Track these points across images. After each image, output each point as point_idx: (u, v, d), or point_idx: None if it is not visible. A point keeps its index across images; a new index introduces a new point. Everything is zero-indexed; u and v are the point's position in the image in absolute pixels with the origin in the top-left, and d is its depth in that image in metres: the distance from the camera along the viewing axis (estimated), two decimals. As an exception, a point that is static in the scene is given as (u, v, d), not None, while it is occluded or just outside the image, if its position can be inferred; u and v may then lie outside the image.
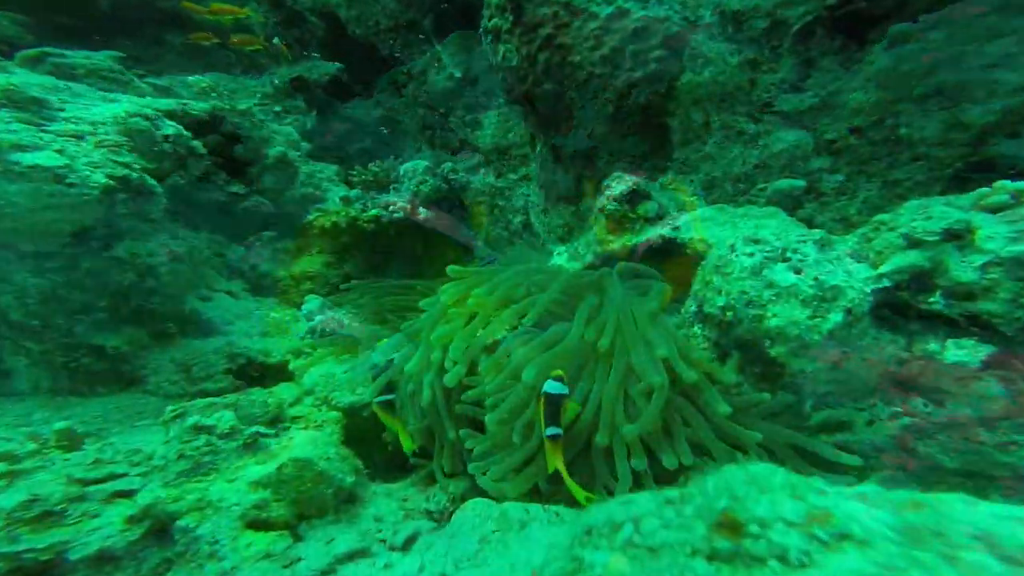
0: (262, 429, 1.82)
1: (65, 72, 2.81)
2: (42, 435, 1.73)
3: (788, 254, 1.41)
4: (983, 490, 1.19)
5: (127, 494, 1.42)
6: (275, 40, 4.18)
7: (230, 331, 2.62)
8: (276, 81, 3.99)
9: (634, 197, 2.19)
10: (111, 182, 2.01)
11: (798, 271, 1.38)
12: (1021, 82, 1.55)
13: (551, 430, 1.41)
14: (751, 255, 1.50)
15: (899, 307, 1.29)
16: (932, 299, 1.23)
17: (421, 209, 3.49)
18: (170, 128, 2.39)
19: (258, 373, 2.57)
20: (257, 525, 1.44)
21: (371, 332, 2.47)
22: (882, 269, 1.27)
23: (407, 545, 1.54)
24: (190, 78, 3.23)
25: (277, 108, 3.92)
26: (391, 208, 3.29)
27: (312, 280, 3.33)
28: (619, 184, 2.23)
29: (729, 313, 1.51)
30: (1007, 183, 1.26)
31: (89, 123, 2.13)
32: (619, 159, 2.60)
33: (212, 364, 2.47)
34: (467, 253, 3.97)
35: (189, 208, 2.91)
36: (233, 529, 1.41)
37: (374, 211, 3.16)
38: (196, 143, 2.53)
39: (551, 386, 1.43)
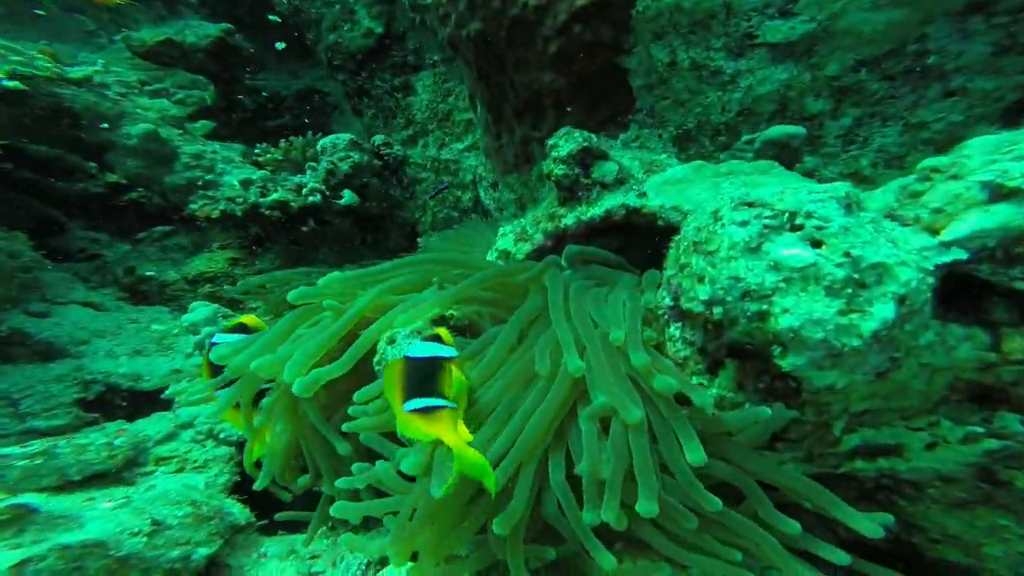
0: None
1: None
2: None
3: (800, 219, 0.95)
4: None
5: None
6: None
7: (83, 352, 2.01)
8: (135, 43, 3.22)
9: (586, 157, 1.69)
10: None
11: (817, 243, 0.92)
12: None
13: (417, 402, 0.95)
14: (744, 224, 1.04)
15: (977, 289, 0.86)
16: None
17: (346, 192, 2.89)
18: None
19: (125, 402, 1.98)
20: None
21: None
22: (948, 235, 0.83)
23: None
24: None
25: (139, 77, 3.18)
26: (304, 191, 2.69)
27: (214, 282, 2.72)
28: (567, 142, 1.73)
29: (717, 309, 1.05)
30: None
31: None
32: (570, 115, 2.09)
33: (54, 395, 1.87)
34: (414, 240, 3.42)
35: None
36: None
37: (278, 195, 2.55)
38: None
39: (419, 348, 1.02)
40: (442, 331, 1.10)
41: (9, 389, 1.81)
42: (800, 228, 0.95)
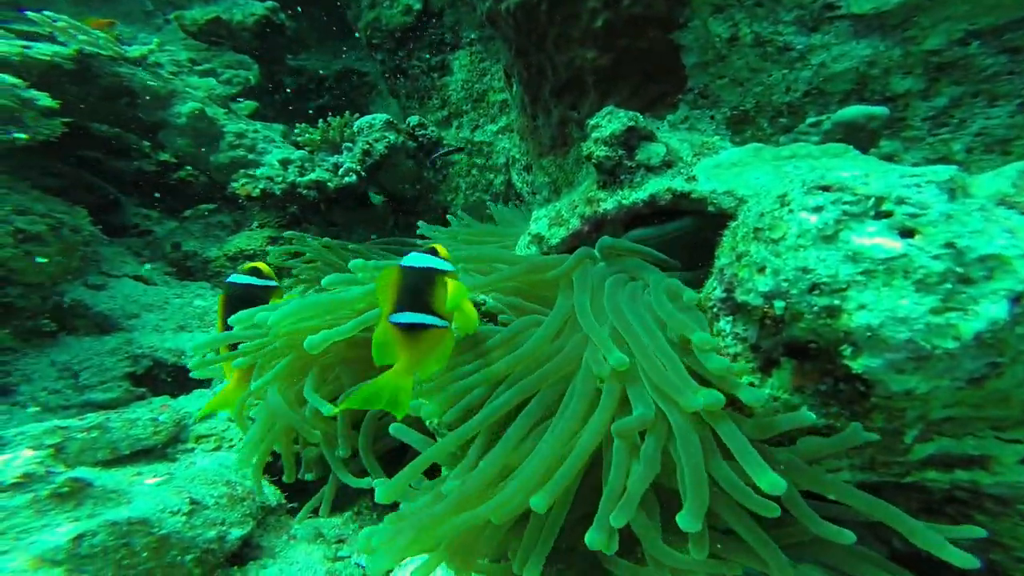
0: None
1: None
2: None
3: (888, 206, 0.83)
4: None
5: None
6: None
7: (134, 326, 2.07)
8: (187, 22, 3.23)
9: (631, 138, 1.57)
10: None
11: (908, 233, 0.80)
12: None
13: (405, 316, 0.88)
14: (818, 209, 0.92)
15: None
16: None
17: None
18: None
19: (170, 377, 2.03)
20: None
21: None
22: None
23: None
24: (48, 13, 2.48)
25: (189, 56, 3.20)
26: (340, 171, 2.67)
27: (253, 260, 2.75)
28: (610, 122, 1.61)
29: (779, 303, 0.95)
30: None
31: None
32: (614, 94, 1.96)
33: (108, 368, 1.93)
34: (446, 223, 3.37)
35: (50, 177, 2.29)
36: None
37: (315, 174, 2.53)
38: (35, 93, 1.89)
39: (416, 259, 0.95)
40: (439, 247, 1.02)
41: (71, 361, 1.87)
42: (888, 215, 0.83)
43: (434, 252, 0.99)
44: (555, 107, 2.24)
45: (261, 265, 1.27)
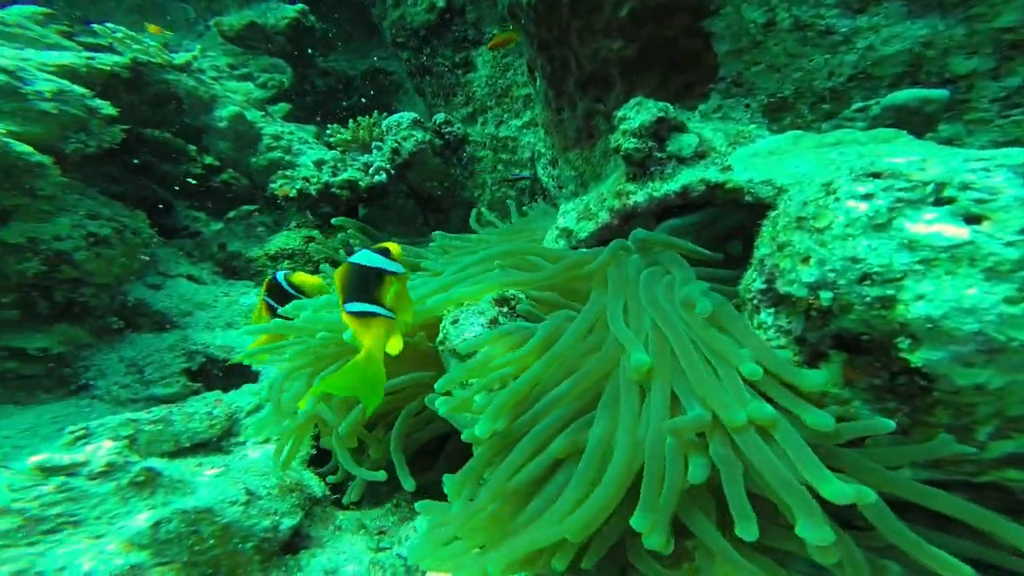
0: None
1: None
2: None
3: (951, 191, 0.77)
4: None
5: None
6: None
7: (188, 323, 2.15)
8: (225, 28, 3.31)
9: (661, 129, 1.52)
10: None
11: (976, 219, 0.74)
12: None
13: (355, 306, 0.96)
14: (868, 197, 0.87)
15: None
16: None
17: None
18: (46, 83, 1.82)
19: (221, 372, 2.11)
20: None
21: None
22: None
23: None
24: (109, 25, 2.60)
25: (228, 61, 3.28)
26: (370, 170, 2.69)
27: (292, 259, 2.82)
28: (639, 113, 1.56)
29: (825, 294, 0.90)
30: None
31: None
32: (641, 85, 1.89)
33: (168, 363, 2.02)
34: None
35: (112, 182, 2.39)
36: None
37: (347, 174, 2.56)
38: (99, 103, 1.97)
39: (365, 256, 1.01)
40: (392, 246, 1.08)
41: (136, 357, 1.97)
42: (950, 201, 0.77)
43: (386, 252, 1.05)
44: (580, 100, 2.18)
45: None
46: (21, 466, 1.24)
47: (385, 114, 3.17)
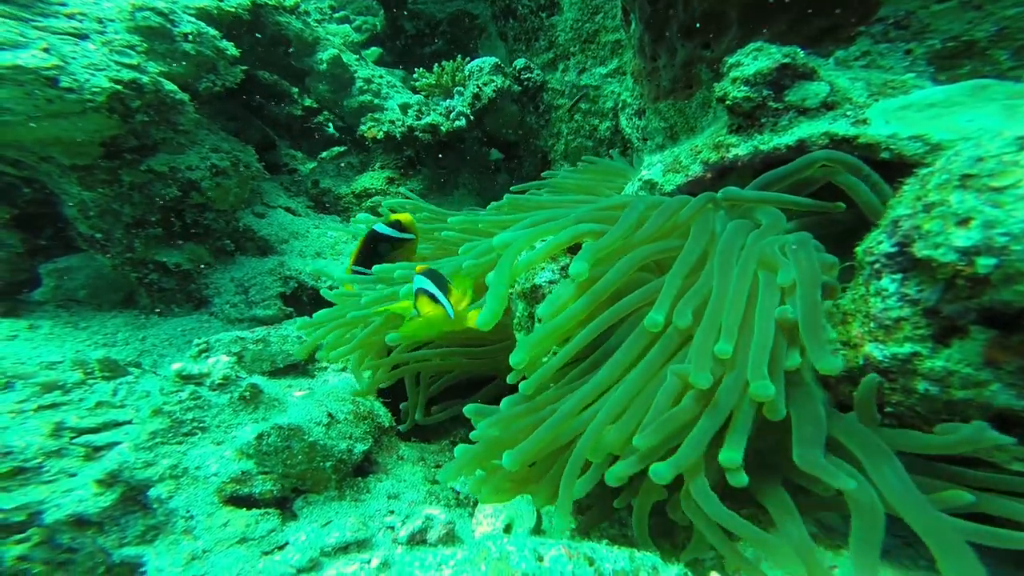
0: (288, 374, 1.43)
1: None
2: (89, 363, 1.50)
3: None
4: None
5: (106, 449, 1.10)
6: None
7: (284, 251, 2.26)
8: None
9: (783, 77, 1.22)
10: (117, 87, 1.56)
11: None
12: None
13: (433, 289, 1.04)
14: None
15: None
16: None
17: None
18: (189, 25, 1.83)
19: (309, 299, 2.23)
20: (237, 502, 1.08)
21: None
22: None
23: (414, 541, 1.10)
24: None
25: (329, 3, 3.16)
26: (451, 115, 2.56)
27: (374, 198, 2.84)
28: (757, 59, 1.27)
29: (986, 260, 0.70)
30: None
31: (96, 19, 1.65)
32: (763, 30, 1.53)
33: (267, 286, 2.15)
34: (546, 167, 3.15)
35: (231, 120, 2.46)
36: (210, 505, 1.07)
37: (430, 118, 2.45)
38: (226, 44, 1.97)
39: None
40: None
41: (243, 277, 2.12)
42: None
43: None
44: (682, 46, 1.84)
45: (403, 217, 1.29)
46: (167, 371, 1.40)
47: (468, 59, 2.95)
